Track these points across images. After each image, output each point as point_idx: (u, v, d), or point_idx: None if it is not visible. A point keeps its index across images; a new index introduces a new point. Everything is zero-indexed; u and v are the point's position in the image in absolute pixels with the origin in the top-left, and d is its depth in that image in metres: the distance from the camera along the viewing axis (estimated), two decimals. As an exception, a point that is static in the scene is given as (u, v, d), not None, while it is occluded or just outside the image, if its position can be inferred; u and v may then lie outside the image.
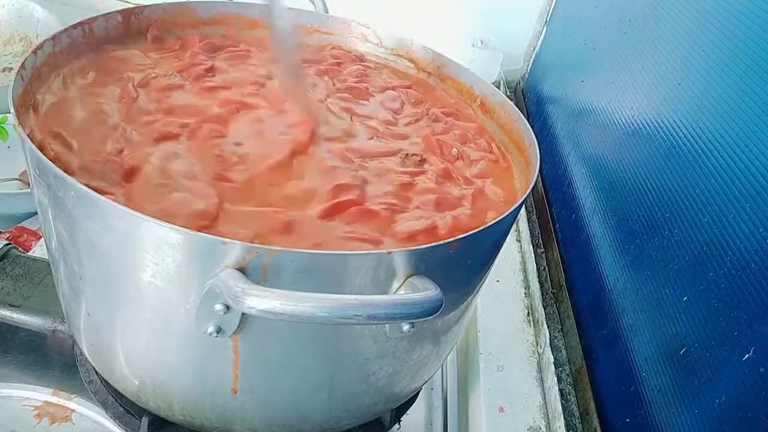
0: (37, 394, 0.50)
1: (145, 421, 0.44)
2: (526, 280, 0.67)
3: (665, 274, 0.44)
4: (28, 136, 0.34)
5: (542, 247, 0.71)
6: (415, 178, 0.43)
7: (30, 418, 0.49)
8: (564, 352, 0.57)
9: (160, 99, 0.46)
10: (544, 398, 0.53)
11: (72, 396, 0.50)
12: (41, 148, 0.34)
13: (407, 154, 0.46)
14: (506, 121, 0.51)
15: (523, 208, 0.75)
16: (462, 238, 0.32)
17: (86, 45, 0.48)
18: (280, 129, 0.45)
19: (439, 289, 0.30)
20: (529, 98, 1.01)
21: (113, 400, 0.47)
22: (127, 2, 1.01)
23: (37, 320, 0.50)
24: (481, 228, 0.34)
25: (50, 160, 0.31)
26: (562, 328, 0.59)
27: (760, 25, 0.39)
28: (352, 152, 0.45)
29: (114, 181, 0.36)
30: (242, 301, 0.27)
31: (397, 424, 0.51)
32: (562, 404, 0.51)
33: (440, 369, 0.59)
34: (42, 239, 0.66)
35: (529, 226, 0.74)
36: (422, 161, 0.46)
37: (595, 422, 0.48)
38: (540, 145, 0.44)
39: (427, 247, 0.31)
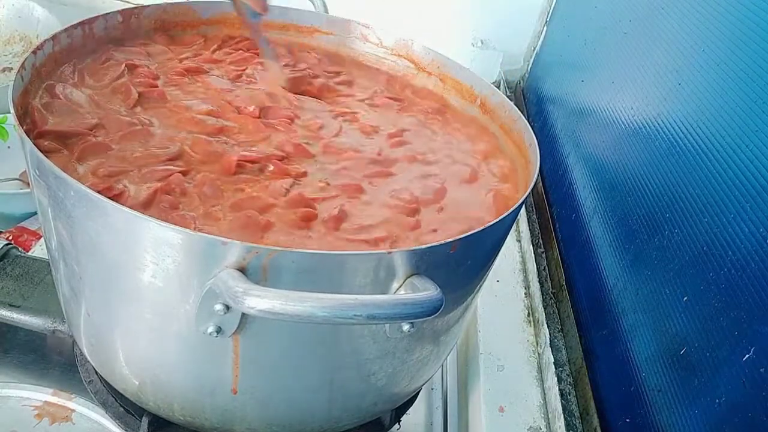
0: (37, 394, 0.50)
1: (145, 421, 0.44)
2: (526, 280, 0.67)
3: (665, 274, 0.44)
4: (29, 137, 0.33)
5: (542, 247, 0.71)
6: None
7: (30, 418, 0.49)
8: (564, 352, 0.57)
9: None
10: (544, 398, 0.53)
11: (72, 396, 0.50)
12: None
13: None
14: (506, 121, 0.51)
15: (523, 208, 0.75)
16: (462, 238, 0.32)
17: (87, 45, 0.48)
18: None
19: (439, 289, 0.30)
20: (529, 98, 1.01)
21: (113, 400, 0.47)
22: (127, 2, 1.01)
23: (37, 320, 0.50)
24: (481, 228, 0.34)
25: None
26: (562, 328, 0.59)
27: (760, 24, 0.39)
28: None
29: None
30: (242, 301, 0.27)
31: (397, 424, 0.51)
32: (562, 404, 0.50)
33: (440, 369, 0.59)
34: (42, 239, 0.66)
35: (529, 226, 0.74)
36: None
37: (595, 422, 0.48)
38: (540, 145, 0.43)
39: (427, 247, 0.31)
